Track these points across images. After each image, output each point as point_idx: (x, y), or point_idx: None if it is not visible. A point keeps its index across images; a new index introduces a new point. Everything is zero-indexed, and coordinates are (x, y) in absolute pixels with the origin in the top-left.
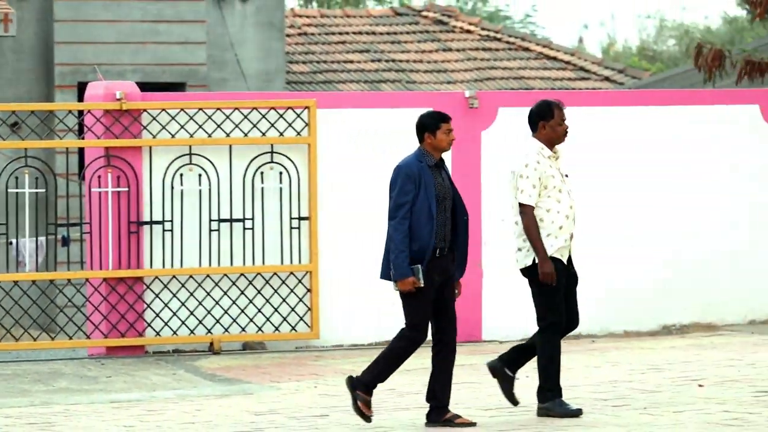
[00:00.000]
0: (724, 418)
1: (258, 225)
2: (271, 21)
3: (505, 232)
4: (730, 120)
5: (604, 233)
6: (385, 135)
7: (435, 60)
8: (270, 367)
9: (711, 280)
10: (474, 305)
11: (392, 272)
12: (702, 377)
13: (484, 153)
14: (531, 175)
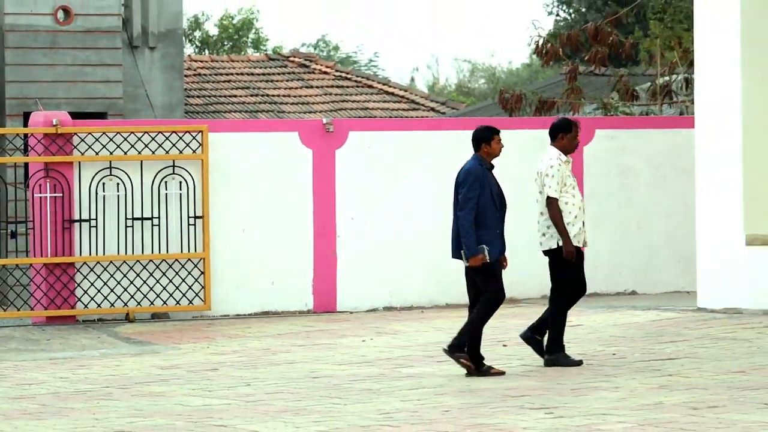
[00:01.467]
0: (522, 371)
1: (163, 222)
2: (173, 64)
3: (353, 228)
4: (527, 139)
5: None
6: (263, 152)
7: (299, 95)
8: (173, 332)
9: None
10: (330, 285)
11: (464, 251)
12: (506, 339)
13: (338, 165)
14: (555, 174)
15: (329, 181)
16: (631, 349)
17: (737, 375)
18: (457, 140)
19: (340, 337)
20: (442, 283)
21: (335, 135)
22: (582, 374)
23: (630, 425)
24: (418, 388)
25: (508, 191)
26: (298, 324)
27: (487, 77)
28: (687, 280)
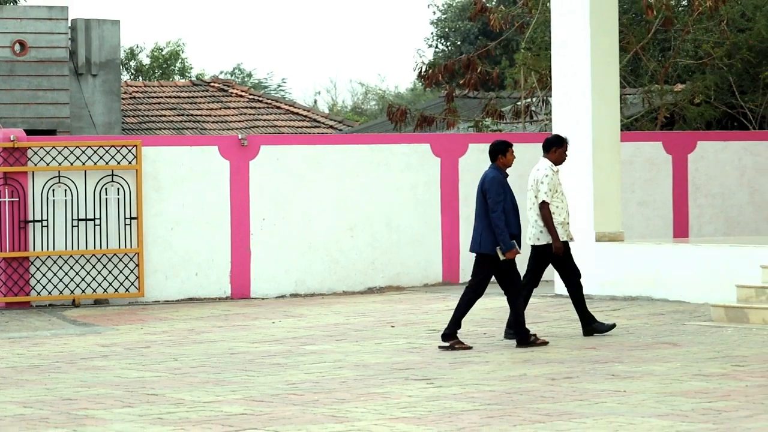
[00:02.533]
0: (407, 347)
1: (104, 222)
2: (112, 89)
3: (265, 227)
4: (410, 152)
5: (332, 225)
6: (188, 163)
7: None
8: (112, 315)
9: (400, 257)
10: (245, 275)
11: (501, 247)
12: (394, 321)
13: (251, 174)
14: (548, 182)
15: (244, 188)
16: (500, 330)
17: (589, 351)
18: (352, 153)
19: (254, 320)
20: (339, 273)
21: (249, 148)
22: (458, 350)
23: (498, 393)
24: (319, 363)
25: (399, 199)
26: (218, 309)
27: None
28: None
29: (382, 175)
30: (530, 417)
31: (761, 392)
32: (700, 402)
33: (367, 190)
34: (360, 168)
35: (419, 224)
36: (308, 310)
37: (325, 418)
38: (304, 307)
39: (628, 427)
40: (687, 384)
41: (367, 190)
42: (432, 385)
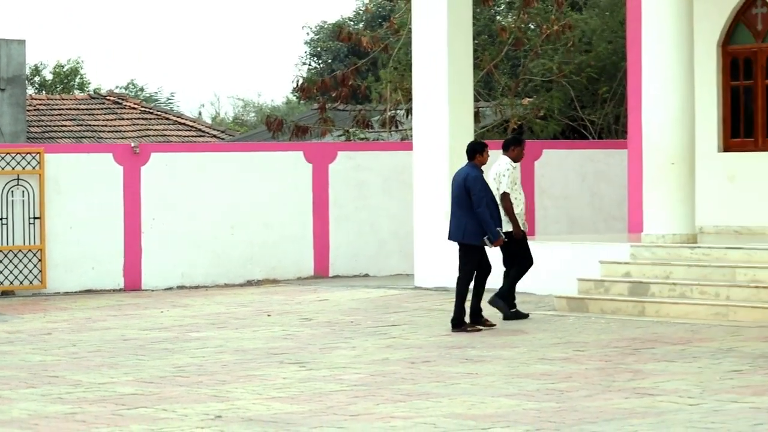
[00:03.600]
0: (282, 334)
1: (10, 221)
2: (18, 102)
3: (155, 226)
4: (285, 159)
5: (216, 223)
6: (86, 169)
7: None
8: (17, 305)
9: (275, 253)
10: (136, 269)
11: (489, 237)
12: (270, 310)
13: (143, 179)
14: (509, 175)
15: (136, 191)
16: (365, 318)
17: (445, 337)
18: (233, 159)
19: (144, 309)
20: (221, 267)
21: (141, 155)
22: (327, 336)
23: (363, 375)
24: (203, 348)
25: (275, 201)
26: (112, 299)
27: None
28: (407, 265)
29: (260, 179)
30: (392, 397)
31: (599, 374)
32: (545, 383)
33: (246, 193)
34: (240, 173)
35: (293, 223)
36: (193, 301)
37: (208, 397)
38: (190, 298)
39: (480, 406)
40: (533, 367)
41: (246, 192)
42: (304, 368)
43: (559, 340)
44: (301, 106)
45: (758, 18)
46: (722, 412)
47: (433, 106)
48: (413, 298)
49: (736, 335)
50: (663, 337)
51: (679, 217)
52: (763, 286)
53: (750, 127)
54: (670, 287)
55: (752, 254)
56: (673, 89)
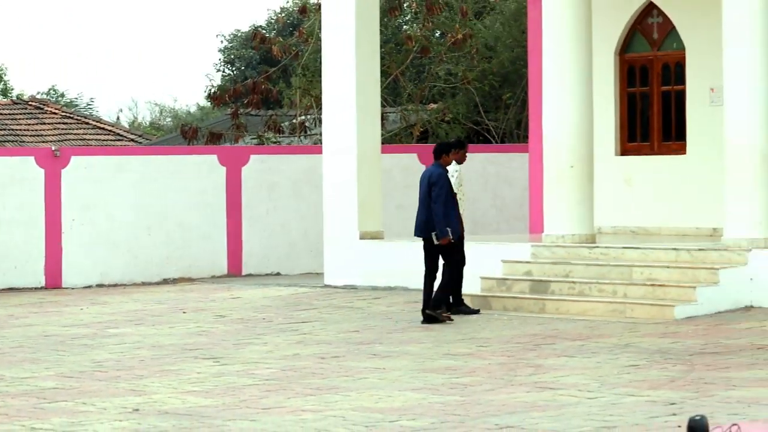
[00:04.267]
0: (197, 330)
1: None
2: None
3: (75, 227)
4: (200, 162)
5: (133, 224)
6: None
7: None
8: None
9: (191, 252)
10: (57, 268)
11: (437, 233)
12: (185, 307)
13: (63, 181)
14: (457, 176)
15: (56, 193)
16: (277, 315)
17: (353, 333)
18: (150, 162)
19: (65, 307)
20: (138, 266)
21: (61, 159)
22: (240, 333)
23: (275, 370)
24: (121, 344)
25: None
26: (33, 297)
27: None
28: (317, 264)
29: (176, 181)
30: (303, 391)
31: (501, 369)
32: (449, 377)
33: (162, 195)
34: (157, 175)
35: (207, 224)
36: (111, 299)
37: (126, 391)
38: (108, 296)
39: (387, 399)
40: (438, 362)
41: (162, 194)
42: (218, 363)
43: (463, 337)
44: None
45: (654, 27)
46: (620, 405)
47: (342, 112)
48: (323, 296)
49: (633, 331)
50: (563, 333)
51: (578, 218)
52: (659, 284)
53: (646, 132)
54: (570, 285)
55: (648, 254)
56: (572, 96)
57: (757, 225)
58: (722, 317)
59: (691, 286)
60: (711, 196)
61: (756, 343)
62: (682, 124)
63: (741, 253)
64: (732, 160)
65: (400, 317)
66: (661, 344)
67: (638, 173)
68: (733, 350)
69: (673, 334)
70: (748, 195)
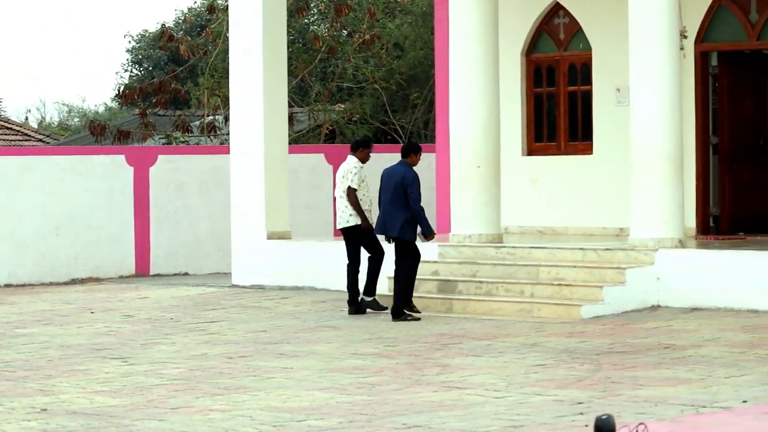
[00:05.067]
0: (105, 330)
1: None
2: None
3: None
4: (108, 162)
5: (41, 224)
6: None
7: None
8: None
9: (99, 252)
10: None
11: (424, 232)
12: (93, 308)
13: None
14: (357, 173)
15: None
16: (185, 315)
17: (261, 333)
18: (58, 162)
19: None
20: (46, 267)
21: None
22: (148, 333)
23: (183, 370)
24: (29, 344)
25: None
26: None
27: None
28: (225, 264)
29: (84, 181)
30: (211, 390)
31: (408, 368)
32: (357, 377)
33: (70, 195)
34: (65, 175)
35: (115, 224)
36: (20, 299)
37: (35, 391)
38: (17, 296)
39: (295, 399)
40: (345, 362)
41: (70, 194)
42: (126, 363)
43: (371, 336)
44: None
45: (561, 27)
46: (527, 404)
47: (249, 112)
48: (231, 295)
49: (540, 331)
50: (470, 332)
51: (485, 218)
52: (566, 284)
53: (553, 132)
54: (477, 285)
55: (555, 253)
56: (478, 96)
57: (664, 225)
58: (629, 317)
59: (598, 286)
60: (618, 196)
61: (662, 343)
62: (588, 125)
63: (648, 253)
64: (638, 160)
65: (308, 317)
66: (568, 344)
67: (545, 173)
68: (640, 349)
69: (580, 334)
70: (654, 195)
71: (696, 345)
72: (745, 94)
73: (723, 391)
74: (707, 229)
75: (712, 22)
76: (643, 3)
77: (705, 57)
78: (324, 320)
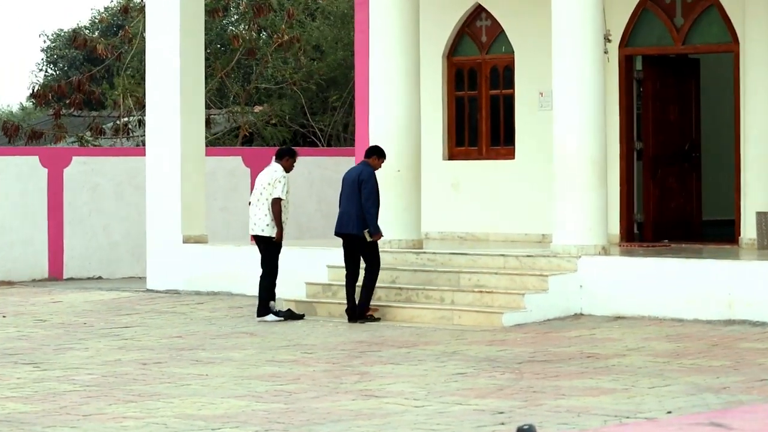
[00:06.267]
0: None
1: None
2: None
3: None
4: (21, 163)
5: None
6: None
7: None
8: None
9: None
10: None
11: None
12: (5, 312)
13: None
14: (285, 182)
15: None
16: (98, 320)
17: (176, 339)
18: None
19: None
20: None
21: None
22: (61, 338)
23: (96, 376)
24: None
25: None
26: None
27: None
28: (140, 268)
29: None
30: (124, 397)
31: (326, 376)
32: (274, 384)
33: None
34: None
35: (28, 227)
36: None
37: None
38: None
39: (210, 407)
40: (262, 369)
41: None
42: (38, 369)
43: (288, 343)
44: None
45: (483, 30)
46: (447, 413)
47: (166, 113)
48: (145, 300)
49: (460, 339)
50: (389, 340)
51: (405, 224)
52: (487, 291)
53: (474, 136)
54: (396, 292)
55: (476, 260)
56: (398, 99)
57: (587, 231)
58: (551, 325)
59: (520, 293)
60: (540, 202)
61: (585, 352)
62: (511, 129)
63: (570, 260)
64: (561, 165)
65: (224, 323)
66: (489, 352)
67: (466, 178)
68: (563, 358)
69: (502, 342)
70: (577, 201)
71: (620, 354)
72: (670, 98)
73: (647, 401)
74: (631, 235)
75: (636, 25)
76: (566, 6)
77: (629, 61)
78: (240, 326)
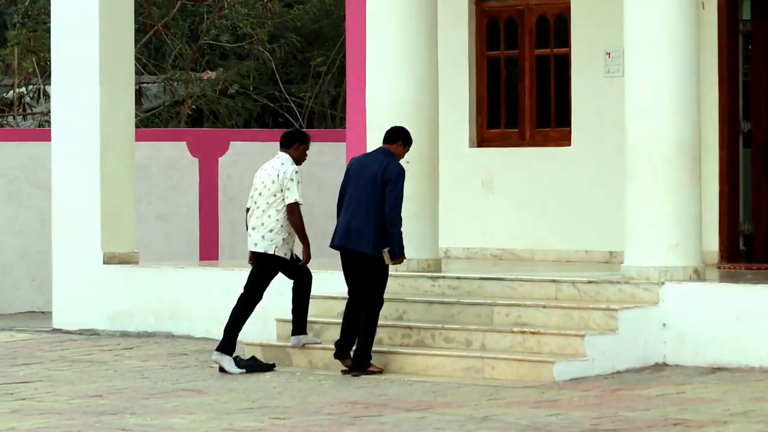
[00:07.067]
0: None
1: None
2: None
3: None
4: None
5: None
6: None
7: None
8: None
9: None
10: None
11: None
12: None
13: None
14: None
15: None
16: None
17: (94, 399)
18: None
19: None
20: None
21: None
22: None
23: None
24: None
25: None
26: None
27: None
28: (43, 299)
29: None
30: None
31: None
32: None
33: None
34: None
35: None
36: None
37: None
38: None
39: None
40: None
41: None
42: None
43: (251, 404)
44: None
45: None
46: None
47: (79, 82)
48: (51, 344)
49: (494, 398)
50: (394, 400)
51: (417, 237)
52: (531, 332)
53: (514, 115)
54: (404, 332)
55: (516, 287)
56: (407, 62)
57: (673, 248)
58: (623, 379)
59: (579, 335)
60: (606, 207)
61: (671, 417)
62: (565, 104)
63: (649, 288)
64: (636, 155)
65: (162, 376)
66: (534, 417)
67: (502, 173)
68: (639, 427)
69: (552, 404)
70: (659, 205)
71: (719, 421)
72: None
73: None
74: (736, 254)
75: None
76: None
77: (733, 7)
78: (185, 381)
